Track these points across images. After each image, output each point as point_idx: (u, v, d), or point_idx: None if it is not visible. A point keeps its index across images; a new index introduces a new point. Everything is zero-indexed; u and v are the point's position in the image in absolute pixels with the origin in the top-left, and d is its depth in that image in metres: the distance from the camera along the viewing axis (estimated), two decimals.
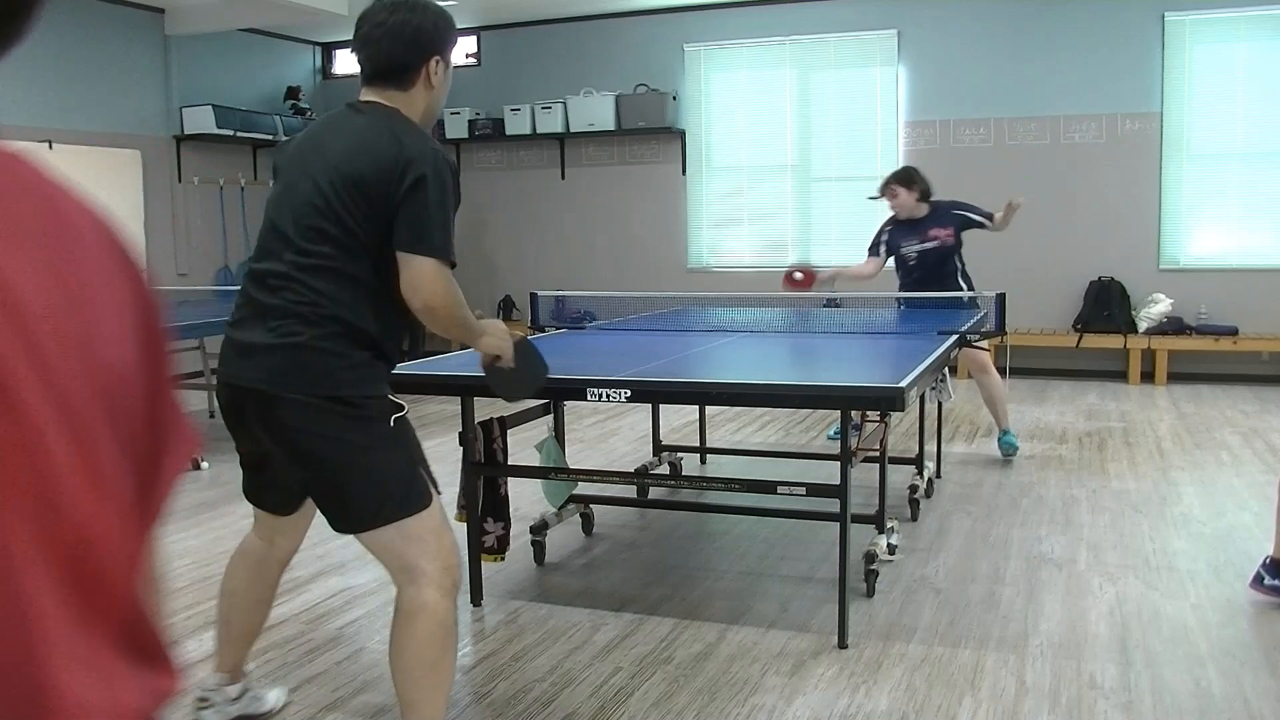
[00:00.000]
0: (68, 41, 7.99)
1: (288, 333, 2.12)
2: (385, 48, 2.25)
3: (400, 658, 2.21)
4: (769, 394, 3.16)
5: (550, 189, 9.85)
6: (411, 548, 2.16)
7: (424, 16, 2.25)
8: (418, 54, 2.25)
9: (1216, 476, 5.07)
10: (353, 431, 2.14)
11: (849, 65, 8.74)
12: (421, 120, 2.30)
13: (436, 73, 2.29)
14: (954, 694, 2.77)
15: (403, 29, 2.23)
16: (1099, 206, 8.18)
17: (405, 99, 2.27)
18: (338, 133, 2.25)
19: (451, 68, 2.36)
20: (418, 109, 2.29)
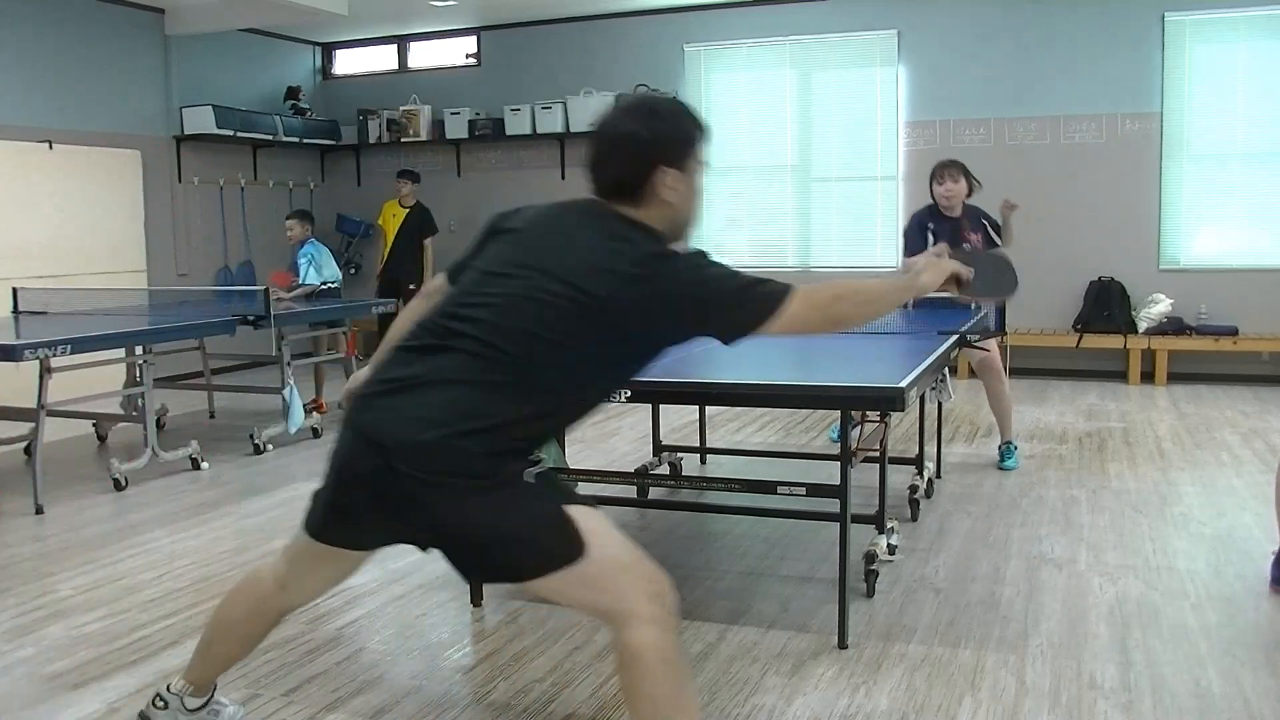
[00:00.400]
0: (68, 41, 7.99)
1: None
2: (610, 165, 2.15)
3: (636, 706, 2.04)
4: (769, 394, 3.16)
5: (550, 189, 9.83)
6: (601, 596, 2.05)
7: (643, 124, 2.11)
8: (644, 166, 2.10)
9: (1216, 476, 5.07)
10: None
11: (849, 65, 8.74)
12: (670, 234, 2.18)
13: (672, 188, 2.11)
14: (954, 694, 2.77)
15: (622, 139, 2.12)
16: (1099, 206, 8.18)
17: (642, 213, 2.14)
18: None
19: (695, 177, 2.17)
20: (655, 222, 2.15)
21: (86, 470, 5.54)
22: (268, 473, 5.49)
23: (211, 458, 5.71)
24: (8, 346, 4.62)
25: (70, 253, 7.87)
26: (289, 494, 5.04)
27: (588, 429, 6.32)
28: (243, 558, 4.06)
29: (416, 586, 3.70)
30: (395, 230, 9.15)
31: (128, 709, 2.77)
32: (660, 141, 2.08)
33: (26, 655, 3.16)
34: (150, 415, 5.36)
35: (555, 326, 2.01)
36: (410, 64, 10.41)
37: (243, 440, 6.01)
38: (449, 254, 9.75)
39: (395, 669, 3.02)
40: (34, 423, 4.92)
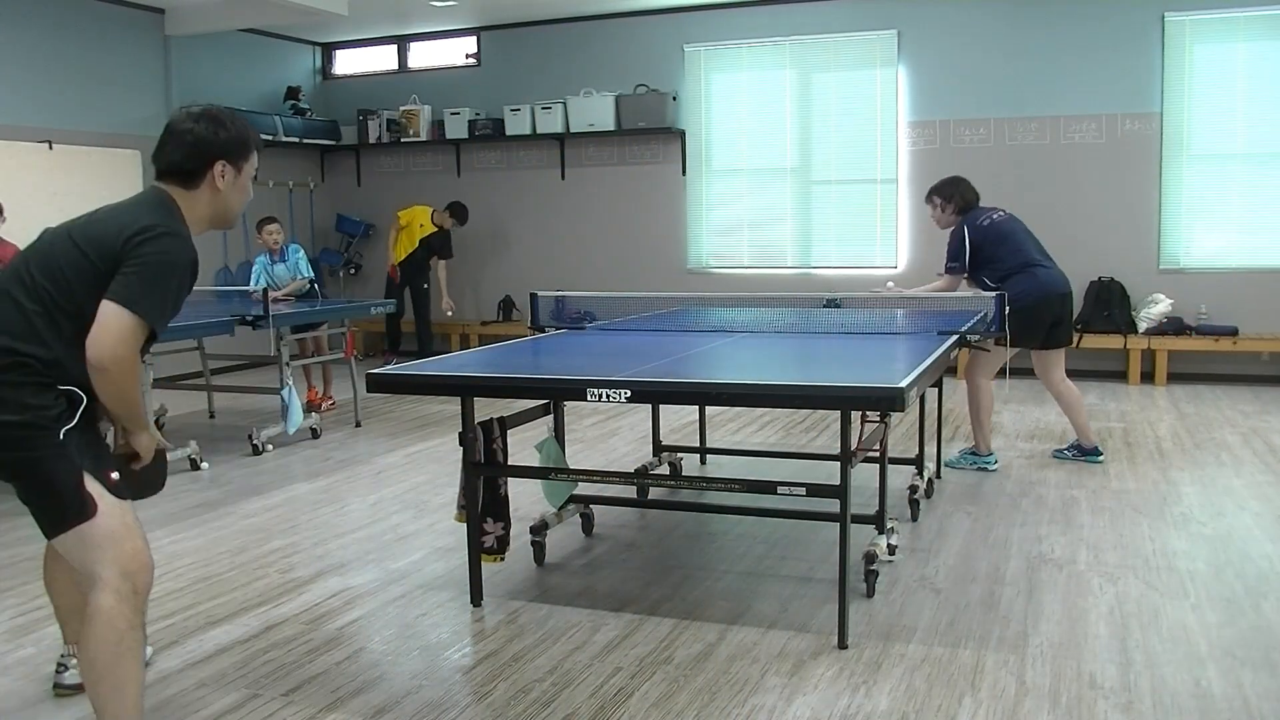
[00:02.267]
0: (68, 41, 7.99)
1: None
2: (168, 152, 2.50)
3: (80, 661, 2.36)
4: (769, 394, 3.16)
5: (550, 189, 9.85)
6: (89, 554, 2.32)
7: (208, 127, 2.49)
8: (200, 161, 2.48)
9: (1216, 476, 5.07)
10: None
11: (849, 66, 8.74)
12: (210, 221, 2.55)
13: (223, 177, 2.50)
14: (954, 694, 2.77)
15: (185, 136, 2.48)
16: (1099, 206, 8.18)
17: (188, 196, 2.50)
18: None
19: (243, 176, 2.56)
20: (200, 210, 2.52)
21: None
22: (267, 473, 5.49)
23: (211, 458, 5.71)
24: None
25: None
26: (288, 494, 5.05)
27: (588, 429, 6.32)
28: (242, 558, 4.06)
29: (416, 586, 3.70)
30: (419, 238, 9.23)
31: None
32: (220, 141, 2.49)
33: (26, 655, 3.16)
34: (149, 415, 5.36)
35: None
36: (410, 64, 10.41)
37: (242, 440, 6.02)
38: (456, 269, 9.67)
39: (395, 669, 3.02)
40: None
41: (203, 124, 2.49)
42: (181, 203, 2.47)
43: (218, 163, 2.49)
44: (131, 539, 2.36)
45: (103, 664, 2.29)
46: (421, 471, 5.44)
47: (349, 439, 6.34)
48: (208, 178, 2.48)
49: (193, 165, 2.47)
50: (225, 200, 2.54)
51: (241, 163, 2.54)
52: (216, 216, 2.55)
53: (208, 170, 2.48)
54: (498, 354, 4.00)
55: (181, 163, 2.48)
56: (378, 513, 4.69)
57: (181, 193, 2.48)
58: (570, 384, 3.23)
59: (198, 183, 2.48)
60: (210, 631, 3.31)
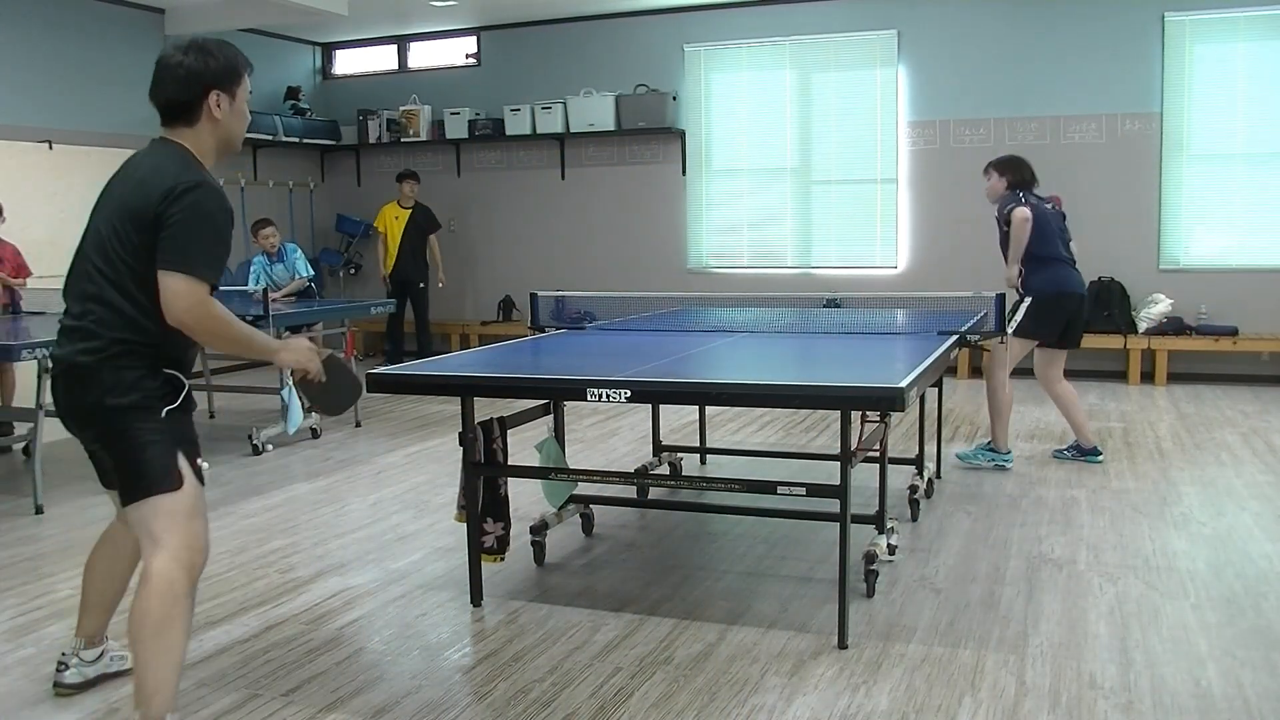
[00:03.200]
0: (68, 41, 7.99)
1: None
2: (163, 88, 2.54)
3: (131, 617, 2.45)
4: (769, 394, 3.16)
5: (550, 189, 9.85)
6: (160, 521, 2.47)
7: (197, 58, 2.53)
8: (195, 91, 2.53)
9: (1216, 476, 5.07)
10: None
11: (849, 66, 8.73)
12: (217, 151, 2.61)
13: (219, 106, 2.54)
14: (954, 694, 2.77)
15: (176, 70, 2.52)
16: (1099, 206, 8.18)
17: (192, 134, 2.56)
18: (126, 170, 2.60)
19: (239, 100, 2.60)
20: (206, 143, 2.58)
21: (86, 470, 5.52)
22: (266, 473, 5.49)
23: (210, 458, 5.68)
24: (6, 346, 4.63)
25: (70, 253, 7.83)
26: (288, 494, 5.05)
27: (588, 429, 6.32)
28: (242, 557, 4.06)
29: (416, 586, 3.70)
30: (400, 231, 9.14)
31: (128, 709, 2.77)
32: (211, 70, 2.53)
33: (26, 655, 3.16)
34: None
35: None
36: (410, 64, 10.41)
37: (242, 440, 6.02)
38: (443, 249, 9.78)
39: (395, 669, 3.02)
40: (33, 423, 4.92)
41: (191, 55, 2.52)
42: (189, 143, 2.53)
43: (212, 92, 2.52)
44: (200, 521, 2.53)
45: (154, 622, 2.39)
46: (421, 471, 5.44)
47: (349, 439, 6.34)
48: (204, 109, 2.52)
49: (187, 97, 2.51)
50: (226, 128, 2.58)
51: (235, 88, 2.57)
52: (221, 145, 2.60)
53: (203, 102, 2.52)
54: (498, 354, 4.00)
55: (176, 97, 2.52)
56: (378, 513, 4.69)
57: (185, 132, 2.54)
58: (570, 384, 3.23)
59: (196, 116, 2.53)
60: (210, 631, 3.31)
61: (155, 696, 2.39)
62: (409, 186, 9.18)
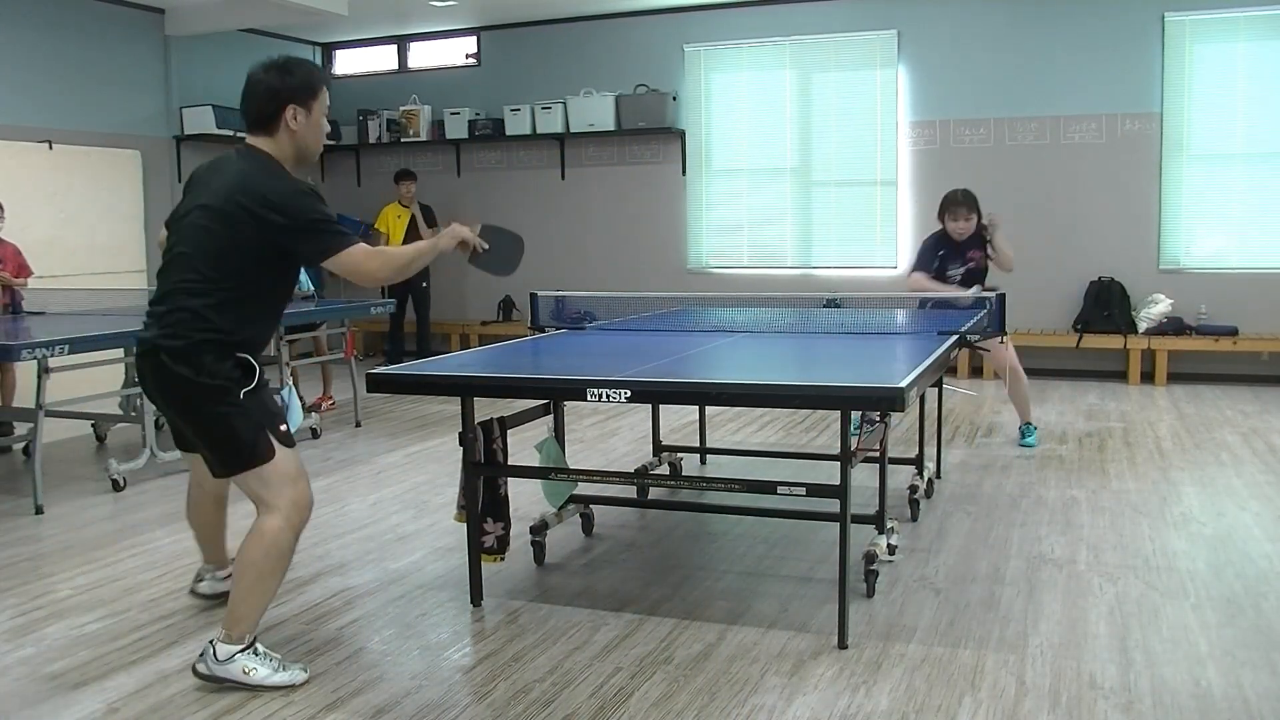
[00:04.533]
0: (68, 41, 7.99)
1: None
2: (247, 102, 2.90)
3: (238, 566, 2.88)
4: (769, 394, 3.16)
5: (550, 189, 9.85)
6: (267, 490, 2.85)
7: (277, 76, 2.87)
8: (274, 106, 2.86)
9: (1216, 476, 5.07)
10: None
11: (849, 66, 8.73)
12: (296, 158, 2.93)
13: (295, 119, 2.87)
14: (954, 694, 2.77)
15: (257, 86, 2.88)
16: (1099, 206, 8.18)
17: (273, 142, 2.90)
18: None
19: (315, 114, 2.91)
20: (285, 150, 2.91)
21: (86, 470, 5.55)
22: None
23: None
24: (6, 346, 4.62)
25: (70, 253, 7.87)
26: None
27: (588, 429, 6.32)
28: None
29: (416, 586, 3.70)
30: (402, 231, 9.16)
31: (128, 709, 2.77)
32: (289, 86, 2.85)
33: (26, 655, 3.16)
34: (149, 415, 5.36)
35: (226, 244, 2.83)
36: (410, 64, 10.41)
37: None
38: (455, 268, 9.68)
39: (395, 669, 3.02)
40: (33, 423, 4.92)
41: (271, 74, 2.84)
42: (271, 150, 2.86)
43: (288, 107, 2.83)
44: (303, 481, 2.90)
45: (259, 571, 2.81)
46: (421, 471, 5.44)
47: (349, 439, 6.34)
48: (282, 122, 2.85)
49: (268, 112, 2.84)
50: (303, 139, 2.89)
51: (311, 102, 2.88)
52: (299, 155, 2.91)
53: (280, 116, 2.84)
54: (498, 354, 4.00)
55: (257, 112, 2.86)
56: (378, 513, 4.69)
57: (268, 141, 2.87)
58: (570, 384, 3.23)
59: (275, 128, 2.85)
60: (210, 632, 3.29)
61: (242, 622, 2.83)
62: (407, 186, 9.18)
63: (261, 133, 2.88)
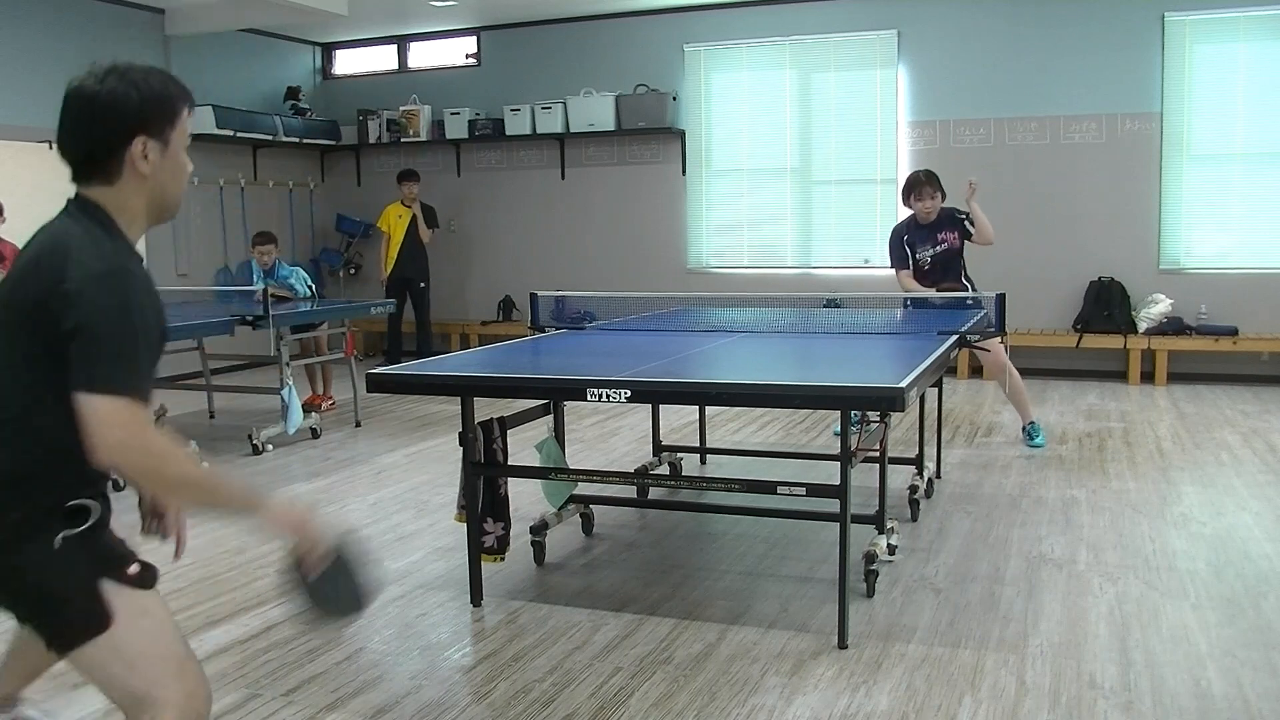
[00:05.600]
0: (68, 41, 7.99)
1: None
2: (71, 133, 1.87)
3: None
4: (769, 394, 3.16)
5: (550, 189, 9.85)
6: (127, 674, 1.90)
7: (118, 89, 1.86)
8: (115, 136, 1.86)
9: (1216, 476, 5.07)
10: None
11: (849, 66, 8.73)
12: (149, 214, 1.94)
13: (146, 157, 1.87)
14: (954, 694, 2.77)
15: (85, 110, 1.85)
16: (1099, 206, 8.18)
17: (112, 194, 1.89)
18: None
19: (174, 147, 1.92)
20: (133, 205, 1.91)
21: None
22: (267, 473, 5.49)
23: (210, 458, 5.71)
24: None
25: None
26: (288, 494, 5.04)
27: (588, 429, 6.32)
28: (242, 558, 4.06)
29: (416, 586, 3.70)
30: (403, 231, 9.15)
31: None
32: (134, 107, 1.85)
33: None
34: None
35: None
36: (410, 64, 10.41)
37: (242, 440, 6.01)
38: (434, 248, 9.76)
39: (395, 669, 3.02)
40: None
41: (108, 86, 1.85)
42: (109, 206, 1.88)
43: (135, 140, 1.86)
44: (191, 665, 2.01)
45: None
46: (421, 471, 5.44)
47: (349, 439, 6.34)
48: (126, 162, 1.87)
49: (104, 150, 1.86)
50: (159, 186, 1.92)
51: (168, 131, 1.90)
52: (154, 209, 1.94)
53: (124, 152, 1.86)
54: (498, 354, 4.00)
55: (88, 149, 1.87)
56: (378, 513, 4.69)
57: (105, 192, 1.88)
58: (570, 384, 3.23)
59: (117, 172, 1.87)
60: (210, 631, 3.31)
61: None
62: (409, 187, 9.18)
63: (96, 179, 1.87)
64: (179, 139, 1.93)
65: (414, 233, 9.15)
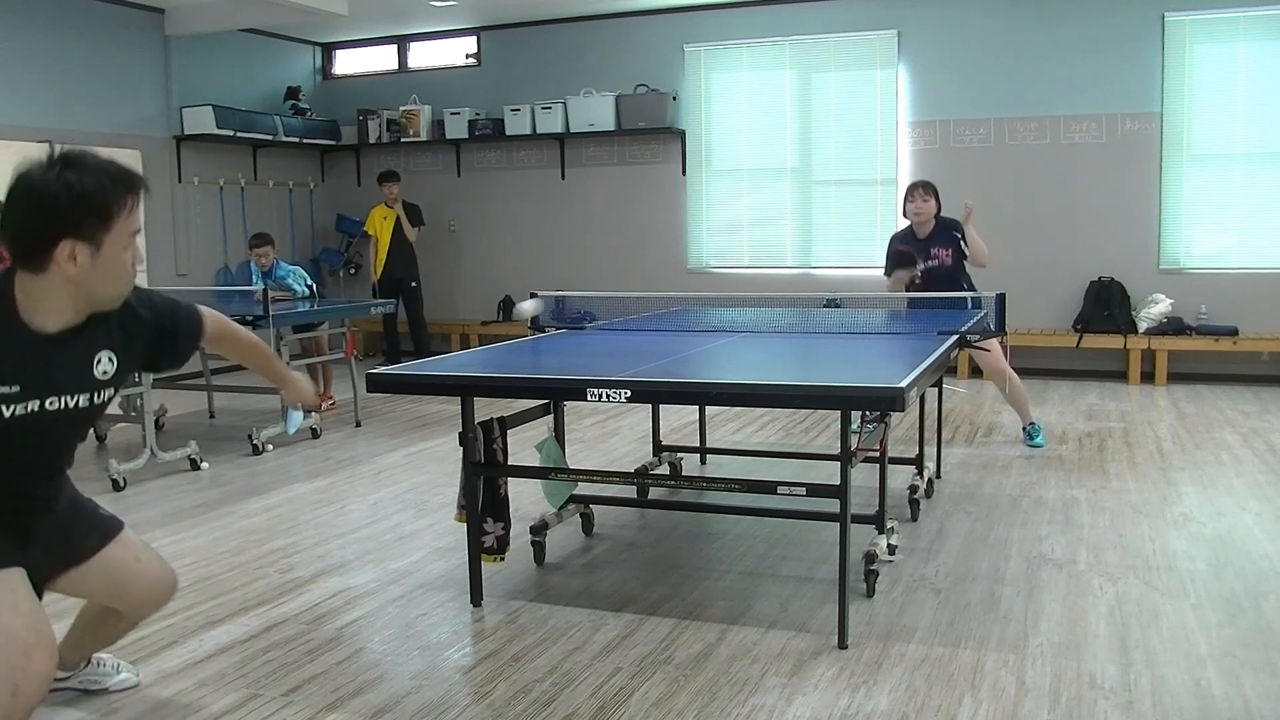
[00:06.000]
0: (68, 41, 7.99)
1: None
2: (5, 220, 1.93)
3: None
4: (769, 394, 3.15)
5: (550, 189, 9.85)
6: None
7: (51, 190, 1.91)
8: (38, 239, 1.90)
9: (1216, 476, 5.07)
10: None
11: (849, 66, 8.73)
12: (75, 307, 1.97)
13: (75, 260, 1.89)
14: (954, 694, 2.77)
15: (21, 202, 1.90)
16: (1099, 206, 8.18)
17: (39, 282, 1.93)
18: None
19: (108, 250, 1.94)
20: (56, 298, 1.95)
21: (85, 471, 5.54)
22: (267, 473, 5.49)
23: (210, 458, 5.71)
24: None
25: None
26: (288, 494, 5.04)
27: (588, 429, 6.32)
28: (242, 558, 4.06)
29: (416, 586, 3.70)
30: (390, 231, 9.18)
31: (127, 709, 2.77)
32: (63, 210, 1.88)
33: None
34: (149, 415, 5.36)
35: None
36: (410, 64, 10.41)
37: (242, 441, 6.01)
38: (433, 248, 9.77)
39: (395, 669, 3.02)
40: None
41: (46, 181, 1.91)
42: (23, 290, 1.93)
43: (62, 243, 1.88)
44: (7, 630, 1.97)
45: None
46: (421, 471, 5.44)
47: (349, 439, 6.34)
48: (53, 260, 1.90)
49: (29, 241, 1.89)
50: (87, 287, 1.93)
51: (101, 235, 1.91)
52: (82, 303, 1.97)
53: (51, 251, 1.89)
54: (498, 354, 4.00)
55: (18, 240, 1.91)
56: (378, 513, 4.69)
57: (26, 278, 1.92)
58: (570, 384, 3.23)
59: (44, 267, 1.90)
60: (210, 631, 3.30)
61: None
62: (390, 188, 9.22)
63: (25, 266, 1.91)
64: (115, 241, 1.92)
65: (400, 233, 9.17)
